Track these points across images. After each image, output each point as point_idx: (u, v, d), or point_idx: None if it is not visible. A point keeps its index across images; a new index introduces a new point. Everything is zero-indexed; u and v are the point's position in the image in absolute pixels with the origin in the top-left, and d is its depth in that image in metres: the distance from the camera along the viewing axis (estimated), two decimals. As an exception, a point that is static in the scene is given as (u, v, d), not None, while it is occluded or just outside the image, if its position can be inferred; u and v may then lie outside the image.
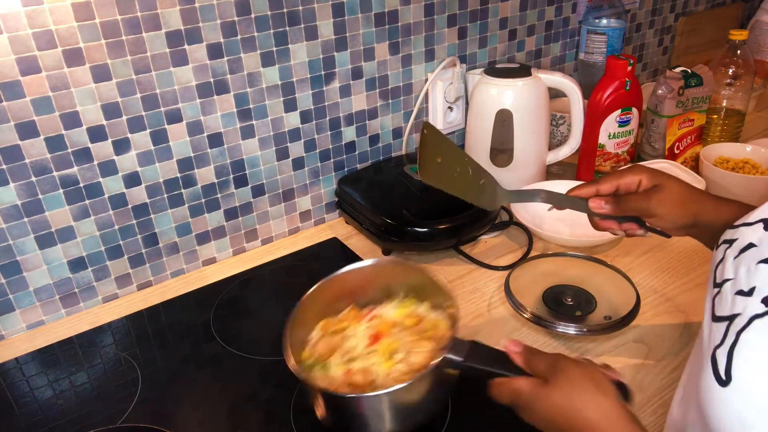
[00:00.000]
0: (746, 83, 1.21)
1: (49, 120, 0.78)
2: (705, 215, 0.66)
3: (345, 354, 0.67)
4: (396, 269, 0.74)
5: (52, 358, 0.81)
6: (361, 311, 0.72)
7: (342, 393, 0.62)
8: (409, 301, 0.72)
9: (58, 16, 0.74)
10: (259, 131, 0.95)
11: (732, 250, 0.50)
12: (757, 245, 0.47)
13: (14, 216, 0.80)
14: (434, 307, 0.70)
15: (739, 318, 0.44)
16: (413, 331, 0.67)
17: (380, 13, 1.00)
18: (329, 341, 0.69)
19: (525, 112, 1.06)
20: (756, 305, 0.43)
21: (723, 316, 0.46)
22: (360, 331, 0.69)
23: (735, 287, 0.47)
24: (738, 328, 0.44)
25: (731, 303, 0.46)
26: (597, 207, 0.69)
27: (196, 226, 0.95)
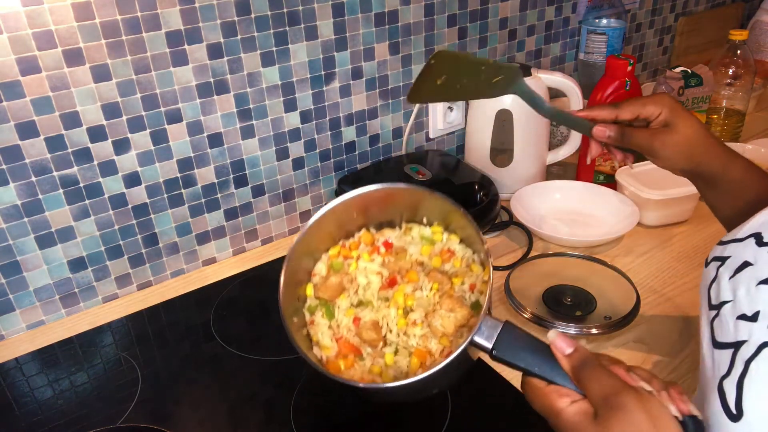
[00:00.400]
0: (746, 83, 1.21)
1: (49, 120, 0.78)
2: (709, 167, 0.63)
3: (354, 294, 0.60)
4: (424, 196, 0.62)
5: (52, 358, 0.81)
6: (376, 236, 0.64)
7: (334, 376, 0.54)
8: (436, 229, 0.63)
9: (58, 16, 0.74)
10: (259, 131, 0.95)
11: (726, 269, 0.47)
12: (753, 263, 0.45)
13: (14, 216, 0.80)
14: (467, 244, 0.61)
15: (746, 346, 0.41)
16: (439, 277, 0.59)
17: (380, 13, 1.00)
18: (338, 278, 0.61)
19: (525, 112, 1.06)
20: (763, 332, 0.41)
21: (726, 343, 0.44)
22: (373, 266, 0.61)
23: (735, 311, 0.44)
24: (746, 357, 0.41)
25: (734, 328, 0.43)
26: (601, 135, 0.66)
27: (196, 226, 0.95)
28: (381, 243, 0.63)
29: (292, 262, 0.59)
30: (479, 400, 0.70)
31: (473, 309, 0.57)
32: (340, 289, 0.61)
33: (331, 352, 0.58)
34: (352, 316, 0.59)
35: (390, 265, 0.61)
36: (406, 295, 0.58)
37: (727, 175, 0.63)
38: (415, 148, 1.17)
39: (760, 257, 0.45)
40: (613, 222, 1.01)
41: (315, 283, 0.63)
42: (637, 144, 0.65)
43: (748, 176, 0.62)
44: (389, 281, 0.60)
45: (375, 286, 0.60)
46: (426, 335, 0.56)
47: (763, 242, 0.45)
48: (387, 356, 0.56)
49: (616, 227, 0.99)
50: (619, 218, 1.00)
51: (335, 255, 0.63)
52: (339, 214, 0.62)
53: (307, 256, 0.63)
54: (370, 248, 0.63)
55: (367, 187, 0.62)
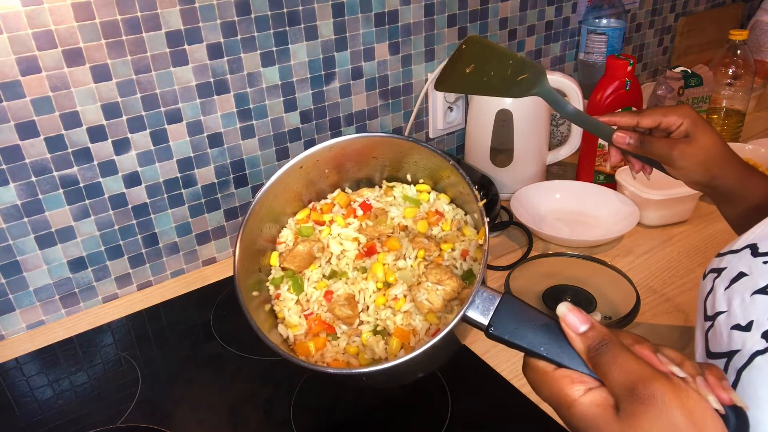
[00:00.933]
0: (746, 83, 1.21)
1: (49, 120, 0.78)
2: (725, 181, 0.63)
3: (327, 264, 0.52)
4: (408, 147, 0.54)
5: (52, 358, 0.81)
6: (352, 197, 0.55)
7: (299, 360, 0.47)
8: (422, 187, 0.55)
9: (58, 16, 0.74)
10: (259, 131, 0.95)
11: (721, 281, 0.47)
12: (748, 274, 0.45)
13: (14, 216, 0.80)
14: (458, 204, 0.54)
15: (739, 355, 0.42)
16: (425, 243, 0.51)
17: (380, 13, 1.00)
18: (307, 246, 0.52)
19: (525, 112, 1.06)
20: (756, 341, 0.41)
21: (720, 353, 0.44)
22: (349, 232, 0.52)
23: (730, 321, 0.44)
24: (738, 366, 0.41)
25: (728, 338, 0.43)
26: (620, 141, 0.66)
27: (196, 226, 0.95)
28: (358, 205, 0.55)
29: (250, 226, 0.51)
30: (479, 400, 0.70)
31: (465, 280, 0.49)
32: (309, 258, 0.53)
33: (300, 331, 0.51)
34: (323, 290, 0.51)
35: (368, 231, 0.53)
36: (385, 267, 0.50)
37: (743, 190, 0.63)
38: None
39: (755, 268, 0.44)
40: (613, 222, 1.01)
41: (281, 251, 0.54)
42: (655, 152, 0.65)
43: (765, 192, 0.63)
44: (367, 249, 0.52)
45: (351, 254, 0.52)
46: (409, 311, 0.48)
47: (759, 253, 0.45)
48: (363, 335, 0.49)
49: (616, 227, 0.99)
50: (619, 218, 1.00)
51: (304, 219, 0.55)
52: (308, 170, 0.53)
53: (270, 221, 0.54)
54: (345, 211, 0.55)
55: (341, 138, 0.52)
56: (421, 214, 0.54)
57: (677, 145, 0.64)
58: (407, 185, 0.56)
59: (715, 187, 0.65)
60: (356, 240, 0.53)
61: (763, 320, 0.41)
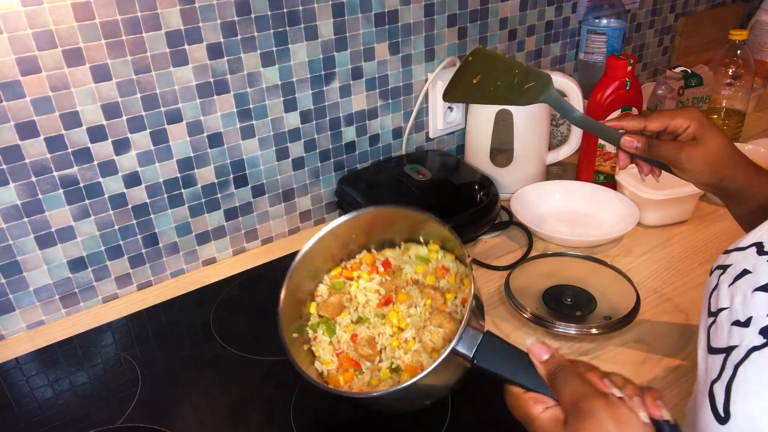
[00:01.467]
0: (746, 83, 1.21)
1: (49, 120, 0.78)
2: (734, 182, 0.64)
3: (354, 311, 0.63)
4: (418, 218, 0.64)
5: (52, 358, 0.81)
6: (376, 256, 0.67)
7: (329, 388, 0.58)
8: (433, 247, 0.66)
9: (58, 16, 0.74)
10: (259, 131, 0.95)
11: (726, 277, 0.48)
12: (752, 271, 0.45)
13: (14, 216, 0.80)
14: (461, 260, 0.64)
15: (737, 350, 0.42)
16: (432, 293, 0.61)
17: (380, 13, 1.00)
18: (338, 297, 0.64)
19: (525, 112, 1.06)
20: (753, 336, 0.41)
21: (719, 348, 0.44)
22: (372, 285, 0.64)
23: (731, 317, 0.44)
24: (735, 361, 0.42)
25: (728, 334, 0.44)
26: (628, 145, 0.66)
27: (196, 226, 0.95)
28: (380, 263, 0.66)
29: (292, 282, 0.62)
30: (479, 401, 0.70)
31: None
32: (340, 307, 0.64)
33: (332, 366, 0.62)
34: (350, 333, 0.62)
35: (387, 284, 0.65)
36: (399, 314, 0.61)
37: (752, 190, 0.63)
38: (415, 148, 1.17)
39: (759, 265, 0.45)
40: (613, 222, 1.01)
41: (318, 302, 0.66)
42: (663, 155, 0.65)
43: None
44: (385, 299, 0.63)
45: (372, 303, 0.64)
46: (418, 351, 0.58)
47: (764, 251, 0.46)
48: (383, 371, 0.59)
49: (616, 227, 0.99)
50: (619, 218, 1.00)
51: (336, 275, 0.67)
52: (340, 235, 0.65)
53: (309, 278, 0.66)
54: (370, 268, 0.66)
55: (364, 210, 0.65)
56: (430, 270, 0.65)
57: (685, 148, 0.64)
58: (421, 245, 0.67)
59: (723, 188, 0.65)
60: (377, 292, 0.64)
61: (761, 316, 0.42)
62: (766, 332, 0.41)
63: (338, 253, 0.68)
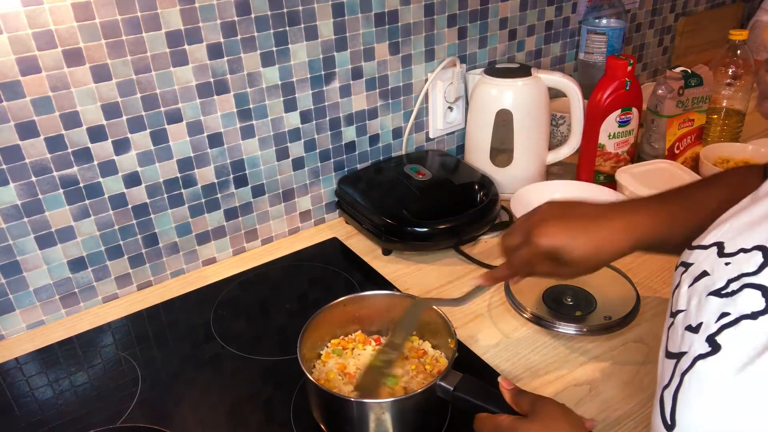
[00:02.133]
0: (746, 83, 1.21)
1: (49, 120, 0.78)
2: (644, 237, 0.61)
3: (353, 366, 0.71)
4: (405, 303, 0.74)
5: (52, 358, 0.81)
6: (368, 338, 0.76)
7: (344, 396, 0.64)
8: (414, 338, 0.74)
9: (58, 16, 0.74)
10: (259, 131, 0.95)
11: (687, 277, 0.47)
12: (710, 274, 0.45)
13: (14, 216, 0.80)
14: (435, 346, 0.73)
15: (685, 357, 0.42)
16: (416, 362, 0.71)
17: (380, 13, 1.00)
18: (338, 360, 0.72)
19: (525, 112, 1.06)
20: (700, 344, 0.41)
21: (673, 353, 0.44)
22: (366, 353, 0.73)
23: (685, 321, 0.44)
24: (683, 369, 0.42)
25: (680, 338, 0.44)
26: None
27: (196, 226, 0.95)
28: (372, 339, 0.76)
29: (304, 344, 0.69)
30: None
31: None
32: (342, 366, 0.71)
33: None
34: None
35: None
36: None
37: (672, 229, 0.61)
38: (415, 148, 1.17)
39: (716, 267, 0.45)
40: (613, 222, 1.00)
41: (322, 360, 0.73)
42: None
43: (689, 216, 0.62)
44: None
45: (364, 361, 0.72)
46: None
47: (723, 253, 0.45)
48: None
49: (616, 227, 0.99)
50: (619, 218, 1.00)
51: (336, 344, 0.75)
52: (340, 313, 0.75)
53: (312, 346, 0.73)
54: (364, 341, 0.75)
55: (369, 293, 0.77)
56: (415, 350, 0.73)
57: (557, 269, 0.66)
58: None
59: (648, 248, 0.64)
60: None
61: (710, 322, 0.41)
62: (711, 340, 0.40)
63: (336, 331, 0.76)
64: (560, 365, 0.75)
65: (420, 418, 0.64)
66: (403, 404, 0.62)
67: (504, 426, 0.56)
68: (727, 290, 0.42)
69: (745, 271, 0.42)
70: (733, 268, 0.43)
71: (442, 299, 0.85)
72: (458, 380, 0.62)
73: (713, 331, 0.41)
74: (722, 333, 0.40)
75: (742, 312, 0.40)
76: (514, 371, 0.75)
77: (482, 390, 0.61)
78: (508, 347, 0.79)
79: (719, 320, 0.41)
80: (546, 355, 0.77)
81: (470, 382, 0.62)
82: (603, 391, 0.71)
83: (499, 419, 0.57)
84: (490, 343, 0.79)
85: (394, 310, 0.74)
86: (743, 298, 0.41)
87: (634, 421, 0.67)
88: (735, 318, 0.40)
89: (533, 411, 0.55)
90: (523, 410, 0.57)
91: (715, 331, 0.41)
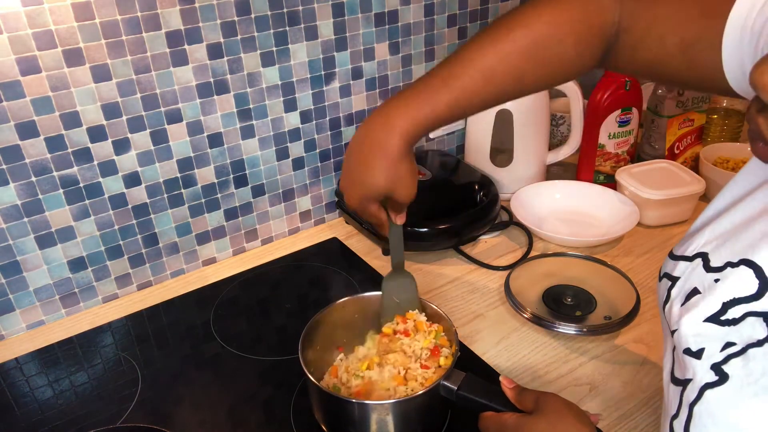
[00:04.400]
0: (746, 83, 1.21)
1: (49, 120, 0.78)
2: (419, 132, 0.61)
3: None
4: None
5: (52, 358, 0.81)
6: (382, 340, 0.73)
7: (346, 397, 0.64)
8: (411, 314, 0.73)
9: (58, 16, 0.74)
10: (259, 131, 0.95)
11: (678, 294, 0.46)
12: (701, 292, 0.44)
13: (14, 216, 0.80)
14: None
15: (691, 386, 0.41)
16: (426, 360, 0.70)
17: (380, 13, 1.00)
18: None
19: (525, 112, 1.06)
20: (705, 372, 0.40)
21: (678, 379, 0.44)
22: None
23: (683, 343, 0.43)
24: (690, 400, 0.41)
25: (682, 363, 0.43)
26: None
27: (196, 226, 0.95)
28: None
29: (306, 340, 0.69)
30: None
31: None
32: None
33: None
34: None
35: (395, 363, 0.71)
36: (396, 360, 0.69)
37: None
38: (415, 148, 1.17)
39: (707, 286, 0.43)
40: (613, 222, 1.01)
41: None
42: None
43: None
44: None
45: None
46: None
47: (711, 267, 0.44)
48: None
49: (616, 227, 0.99)
50: (619, 218, 1.00)
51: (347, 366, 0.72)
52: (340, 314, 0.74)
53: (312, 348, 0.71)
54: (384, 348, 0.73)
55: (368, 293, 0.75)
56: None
57: None
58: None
59: None
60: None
61: (714, 350, 0.41)
62: (718, 369, 0.40)
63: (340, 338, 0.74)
64: (560, 365, 0.75)
65: (422, 418, 0.64)
66: (405, 405, 0.62)
67: (509, 424, 0.56)
68: (726, 317, 0.41)
69: (740, 295, 0.41)
70: (725, 289, 0.42)
71: None
72: (462, 379, 0.61)
73: (719, 360, 0.40)
74: (729, 362, 0.40)
75: (748, 342, 0.39)
76: (514, 371, 0.75)
77: (486, 389, 0.61)
78: (508, 347, 0.79)
79: (724, 350, 0.40)
80: (546, 355, 0.77)
81: (474, 381, 0.62)
82: (603, 391, 0.71)
83: (504, 417, 0.57)
84: (491, 343, 0.79)
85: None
86: (747, 327, 0.40)
87: (634, 421, 0.67)
88: (742, 348, 0.39)
89: (538, 408, 0.55)
90: (528, 408, 0.56)
91: (721, 360, 0.40)
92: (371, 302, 0.75)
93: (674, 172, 1.05)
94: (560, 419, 0.53)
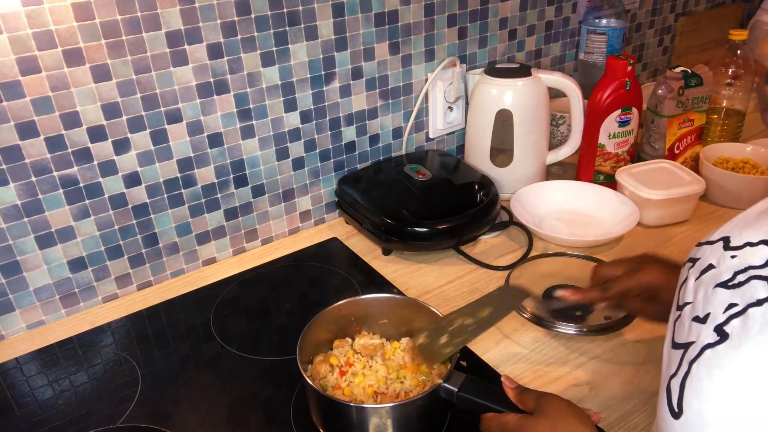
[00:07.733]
0: (746, 83, 1.21)
1: (49, 120, 0.78)
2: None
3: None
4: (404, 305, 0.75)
5: (52, 358, 0.81)
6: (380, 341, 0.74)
7: (344, 401, 0.64)
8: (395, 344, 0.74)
9: (58, 16, 0.74)
10: (259, 131, 0.95)
11: (694, 271, 0.48)
12: (716, 266, 0.45)
13: (14, 216, 0.80)
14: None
15: (693, 347, 0.42)
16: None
17: (380, 13, 1.00)
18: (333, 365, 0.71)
19: (525, 112, 1.06)
20: (708, 333, 0.41)
21: (680, 344, 0.45)
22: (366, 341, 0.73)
23: (693, 312, 0.45)
24: (691, 357, 0.42)
25: (688, 329, 0.44)
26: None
27: (196, 226, 0.95)
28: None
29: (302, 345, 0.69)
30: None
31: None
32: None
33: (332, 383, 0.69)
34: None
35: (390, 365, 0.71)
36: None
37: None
38: (415, 148, 1.17)
39: (722, 260, 0.45)
40: (613, 222, 1.01)
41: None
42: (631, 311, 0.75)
43: None
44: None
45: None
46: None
47: (729, 246, 0.46)
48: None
49: (616, 227, 0.99)
50: (619, 218, 1.00)
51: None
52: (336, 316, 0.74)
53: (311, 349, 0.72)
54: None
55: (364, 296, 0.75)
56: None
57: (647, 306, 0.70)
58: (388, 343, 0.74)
59: None
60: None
61: (718, 313, 0.42)
62: (720, 330, 0.41)
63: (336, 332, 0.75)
64: (560, 365, 0.75)
65: (421, 420, 0.64)
66: (405, 408, 0.62)
67: (511, 425, 0.56)
68: (734, 282, 0.43)
69: (752, 263, 0.42)
70: (740, 261, 0.44)
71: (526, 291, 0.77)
72: (462, 381, 0.61)
73: (721, 321, 0.41)
74: (730, 323, 0.41)
75: (748, 301, 0.40)
76: (514, 371, 0.75)
77: (487, 390, 0.61)
78: (508, 347, 0.79)
79: (727, 311, 0.41)
80: (546, 355, 0.77)
81: (474, 382, 0.62)
82: (603, 391, 0.71)
83: (506, 418, 0.57)
84: (491, 344, 0.79)
85: (394, 312, 0.74)
86: (750, 288, 0.41)
87: (634, 421, 0.67)
88: (743, 308, 0.41)
89: (539, 408, 0.55)
90: (529, 408, 0.57)
91: (723, 321, 0.41)
92: (369, 304, 0.74)
93: (674, 172, 1.05)
94: (562, 420, 0.54)
